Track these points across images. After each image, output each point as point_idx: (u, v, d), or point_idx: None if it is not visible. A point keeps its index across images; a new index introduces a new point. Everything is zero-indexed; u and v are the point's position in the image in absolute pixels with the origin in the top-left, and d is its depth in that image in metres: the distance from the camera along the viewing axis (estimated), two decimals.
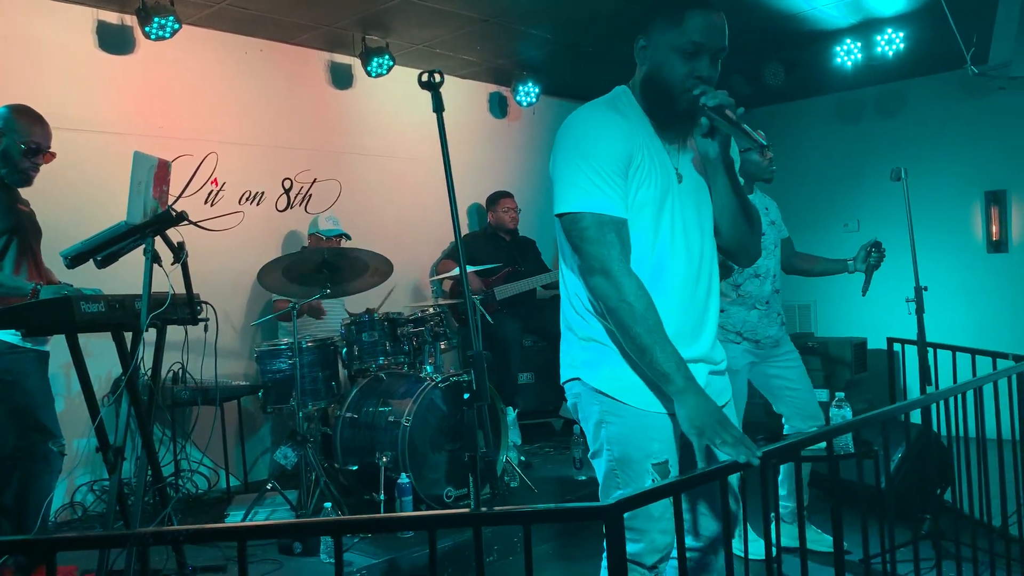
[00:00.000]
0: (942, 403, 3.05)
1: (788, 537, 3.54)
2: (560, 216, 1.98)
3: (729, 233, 2.12)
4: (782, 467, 3.57)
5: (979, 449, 3.27)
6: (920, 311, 3.79)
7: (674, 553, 2.03)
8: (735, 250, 2.18)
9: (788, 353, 3.78)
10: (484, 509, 1.65)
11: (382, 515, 3.43)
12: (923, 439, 3.73)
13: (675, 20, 1.96)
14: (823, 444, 2.24)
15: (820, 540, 3.65)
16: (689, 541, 2.08)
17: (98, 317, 2.82)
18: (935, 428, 3.69)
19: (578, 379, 2.06)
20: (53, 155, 3.39)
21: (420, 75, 2.06)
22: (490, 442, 1.93)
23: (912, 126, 6.90)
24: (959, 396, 3.08)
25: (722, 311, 3.26)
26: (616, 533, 1.57)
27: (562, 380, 2.13)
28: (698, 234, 2.06)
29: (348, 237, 5.09)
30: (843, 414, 3.12)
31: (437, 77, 2.04)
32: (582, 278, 1.99)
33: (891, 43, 5.41)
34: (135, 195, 3.05)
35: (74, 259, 3.03)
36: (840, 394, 3.21)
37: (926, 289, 3.84)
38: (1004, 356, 3.71)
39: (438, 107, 2.05)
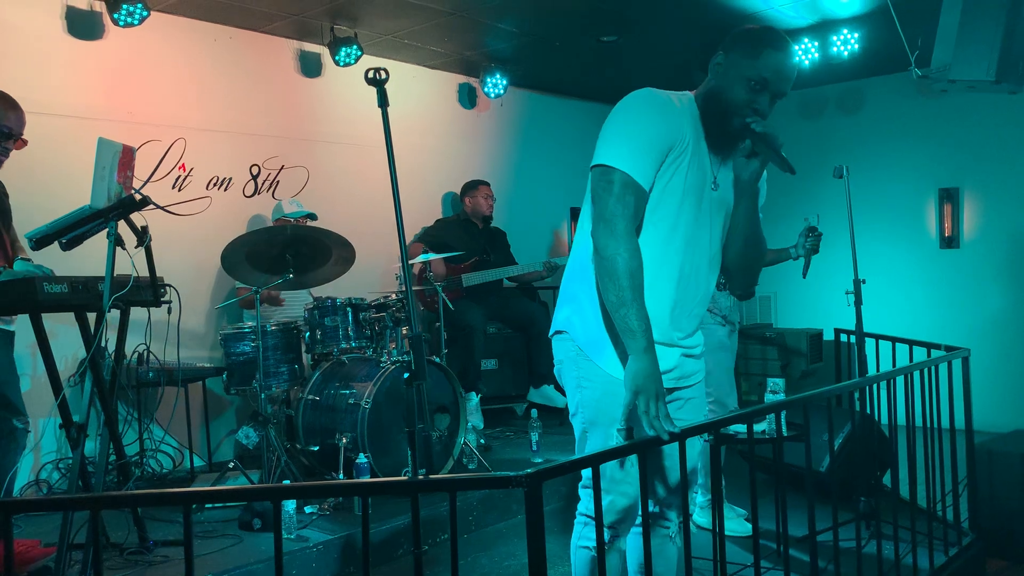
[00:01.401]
0: (874, 388, 3.23)
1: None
2: (595, 167, 2.13)
3: (737, 254, 2.31)
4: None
5: (908, 435, 3.45)
6: (858, 303, 3.96)
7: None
8: (736, 271, 2.37)
9: (736, 335, 4.14)
10: (419, 478, 1.78)
11: (321, 482, 3.60)
12: (861, 425, 3.92)
13: (753, 53, 2.11)
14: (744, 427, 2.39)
15: (740, 524, 3.87)
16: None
17: (61, 298, 2.91)
18: (875, 416, 3.89)
19: (564, 333, 2.26)
20: (24, 142, 3.45)
21: (366, 72, 2.17)
22: (428, 419, 2.06)
23: (870, 123, 7.10)
24: (890, 382, 3.26)
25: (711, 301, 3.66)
26: (534, 502, 1.71)
27: (556, 327, 2.31)
28: (708, 242, 2.24)
29: (314, 217, 5.17)
30: (776, 398, 3.28)
31: (382, 74, 2.15)
32: (592, 225, 2.13)
33: (847, 43, 5.57)
34: (99, 180, 3.14)
35: (39, 241, 3.12)
36: (779, 381, 3.38)
37: (864, 282, 4.01)
38: (937, 347, 3.90)
39: (383, 102, 2.17)
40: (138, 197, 3.14)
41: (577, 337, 2.24)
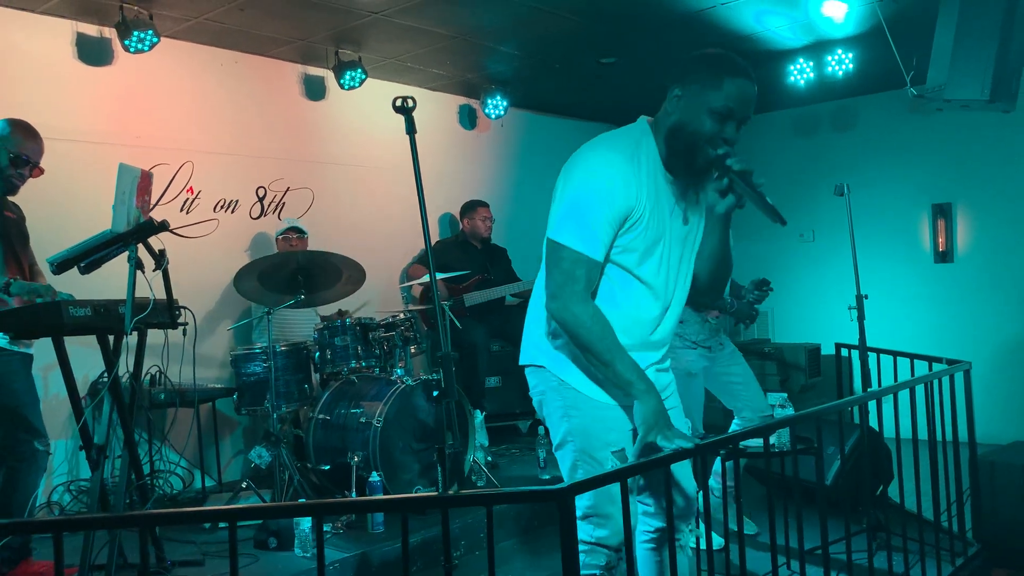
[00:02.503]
0: (874, 403, 3.29)
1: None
2: (550, 240, 2.15)
3: (707, 273, 2.35)
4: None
5: (914, 447, 3.52)
6: (861, 318, 4.03)
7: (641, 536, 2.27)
8: (706, 290, 2.41)
9: (732, 353, 4.05)
10: (450, 493, 1.84)
11: (359, 498, 3.66)
12: (865, 438, 3.99)
13: (715, 83, 2.10)
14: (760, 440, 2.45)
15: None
16: (655, 522, 2.36)
17: (85, 321, 2.96)
18: (877, 429, 3.97)
19: (544, 368, 2.28)
20: (41, 170, 3.52)
21: (394, 100, 2.24)
22: (457, 437, 2.12)
23: (864, 141, 7.22)
24: (895, 395, 3.33)
25: (681, 322, 3.64)
26: (568, 514, 1.77)
27: (524, 362, 2.35)
28: (676, 273, 2.27)
29: (303, 232, 5.22)
30: (786, 413, 3.35)
31: (410, 102, 2.22)
32: (547, 297, 2.17)
33: (841, 63, 5.69)
34: (119, 204, 3.19)
35: (60, 265, 3.17)
36: (783, 395, 3.45)
37: (867, 297, 4.09)
38: (939, 360, 3.98)
39: (410, 129, 2.23)
40: (156, 221, 3.20)
41: (556, 368, 2.26)
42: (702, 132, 2.10)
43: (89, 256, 3.15)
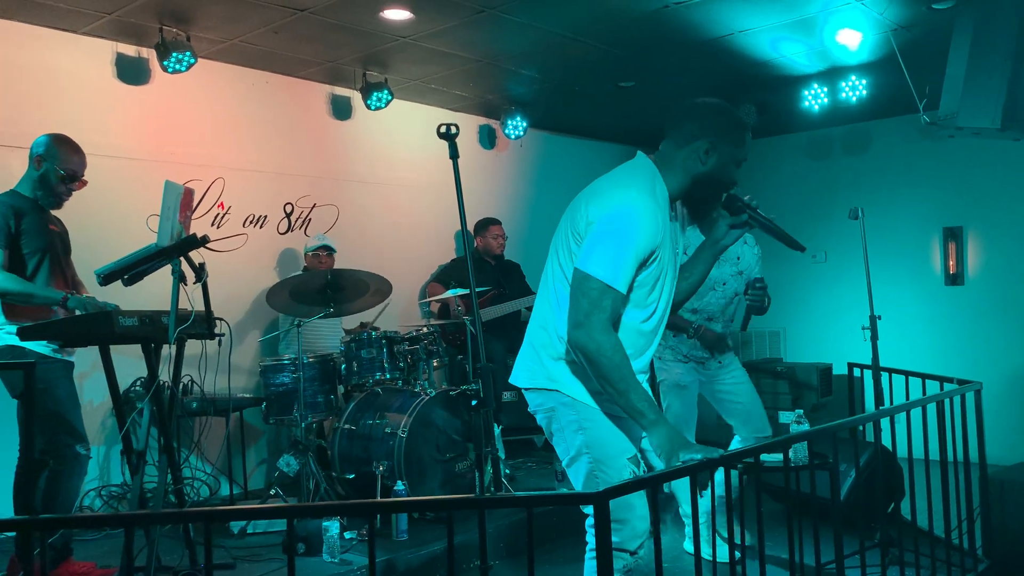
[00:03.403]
0: (886, 421, 3.40)
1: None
2: (581, 272, 2.30)
3: (683, 294, 2.62)
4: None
5: (926, 466, 3.62)
6: (874, 338, 4.14)
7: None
8: (678, 305, 2.66)
9: (734, 371, 4.18)
10: (489, 495, 1.96)
11: (411, 498, 3.88)
12: (878, 455, 4.09)
13: (739, 140, 2.41)
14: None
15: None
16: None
17: (132, 330, 3.10)
18: (889, 447, 4.07)
19: (555, 391, 2.42)
20: (85, 183, 3.68)
21: (439, 127, 2.38)
22: (493, 445, 2.24)
23: (876, 164, 7.35)
24: (908, 413, 3.44)
25: (674, 335, 4.05)
26: (603, 517, 1.89)
27: (528, 385, 2.48)
28: (669, 295, 2.50)
29: (332, 249, 5.37)
30: (802, 429, 3.45)
31: (453, 129, 2.36)
32: (569, 324, 2.31)
33: (855, 89, 5.83)
34: (164, 220, 3.34)
35: (106, 277, 3.31)
36: (799, 411, 3.55)
37: (880, 318, 4.20)
38: (950, 380, 4.08)
39: (454, 154, 2.37)
40: (199, 236, 3.34)
41: (567, 388, 2.40)
42: (729, 179, 2.42)
43: (134, 269, 3.30)
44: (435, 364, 4.82)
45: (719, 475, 3.83)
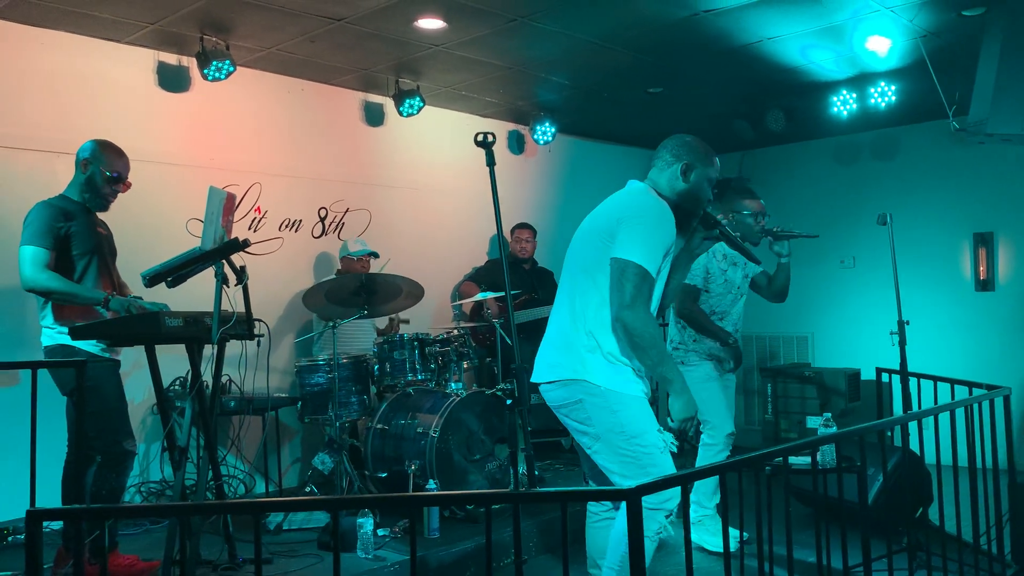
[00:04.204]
0: (915, 425, 3.43)
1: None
2: (622, 260, 2.69)
3: (669, 297, 3.00)
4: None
5: (954, 471, 3.64)
6: (902, 343, 4.16)
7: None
8: (658, 311, 2.98)
9: (731, 373, 4.52)
10: (523, 490, 2.04)
11: (451, 492, 4.14)
12: (906, 459, 4.11)
13: (709, 162, 2.92)
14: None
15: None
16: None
17: (177, 331, 3.22)
18: (917, 452, 4.08)
19: (583, 380, 2.76)
20: (129, 185, 3.80)
21: (476, 135, 2.46)
22: (529, 441, 2.32)
23: (905, 170, 7.33)
24: (936, 417, 3.46)
25: (695, 340, 4.38)
26: (635, 512, 1.95)
27: (551, 379, 2.82)
28: (656, 300, 2.87)
29: (376, 255, 5.49)
30: (830, 431, 3.49)
31: (491, 137, 2.44)
32: (616, 307, 2.70)
33: (883, 95, 5.84)
34: (208, 224, 3.46)
35: (152, 279, 3.42)
36: (827, 414, 3.60)
37: (908, 323, 4.22)
38: (979, 386, 4.09)
39: (490, 161, 2.46)
40: (241, 239, 3.45)
41: (595, 378, 2.75)
42: (706, 196, 2.91)
43: (179, 271, 3.41)
44: (465, 366, 4.91)
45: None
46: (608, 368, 2.75)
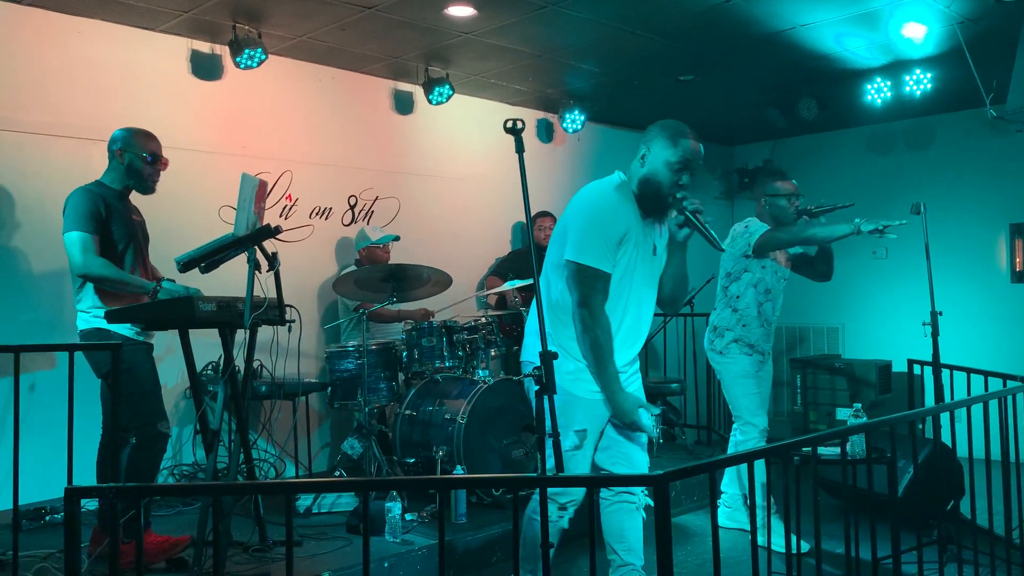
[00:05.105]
0: (947, 417, 3.38)
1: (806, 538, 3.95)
2: (568, 261, 2.76)
3: (669, 292, 2.99)
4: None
5: (986, 463, 3.59)
6: (935, 334, 4.11)
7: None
8: (668, 304, 3.06)
9: (769, 366, 4.47)
10: (551, 475, 2.05)
11: (478, 475, 4.18)
12: (938, 451, 4.06)
13: (668, 145, 2.79)
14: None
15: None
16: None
17: (210, 315, 3.26)
18: (949, 445, 4.04)
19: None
20: (167, 162, 3.83)
21: (505, 122, 2.46)
22: (555, 428, 2.33)
23: (940, 159, 7.22)
24: (966, 410, 3.42)
25: (743, 326, 4.28)
26: (663, 500, 1.95)
27: (530, 357, 2.90)
28: (648, 289, 2.91)
29: (397, 238, 5.51)
30: (860, 422, 3.46)
31: (520, 124, 2.44)
32: (572, 307, 2.77)
33: (919, 83, 5.75)
34: (241, 211, 3.50)
35: (186, 264, 3.48)
36: (857, 405, 3.56)
37: (941, 314, 4.17)
38: (1014, 378, 4.03)
39: (519, 148, 2.46)
40: (272, 226, 3.49)
41: (570, 388, 2.82)
42: (665, 182, 2.77)
43: (212, 257, 3.46)
44: (493, 353, 4.93)
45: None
46: (581, 374, 2.83)
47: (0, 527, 4.15)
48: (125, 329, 3.56)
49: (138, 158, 3.69)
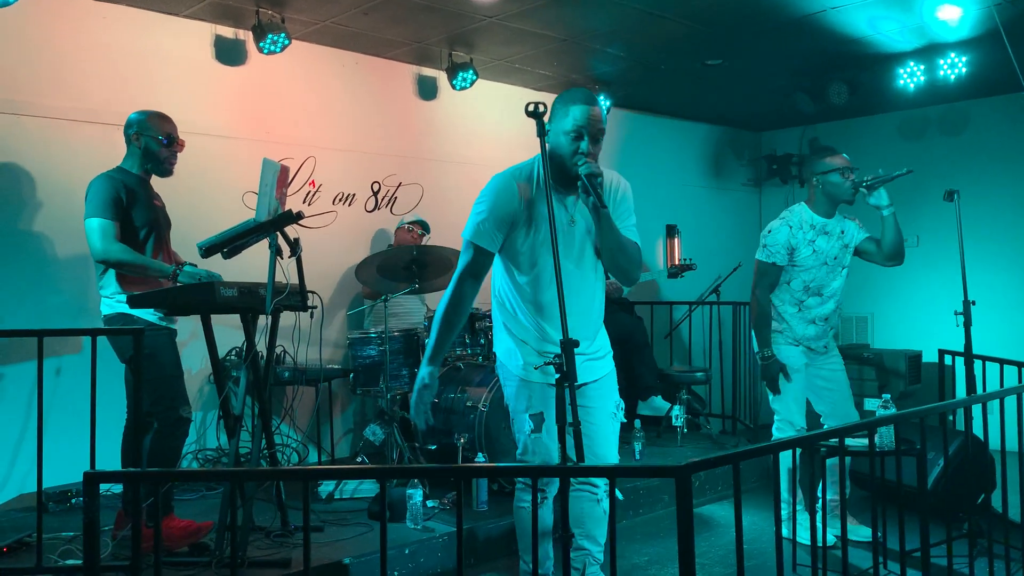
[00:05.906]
0: (979, 409, 3.30)
1: (831, 530, 3.86)
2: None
3: (609, 261, 2.89)
4: (827, 461, 3.89)
5: (1020, 457, 3.51)
6: (968, 324, 4.02)
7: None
8: (614, 273, 2.95)
9: (834, 359, 4.14)
10: (571, 464, 2.02)
11: (498, 464, 4.16)
12: (968, 444, 3.98)
13: (563, 113, 2.73)
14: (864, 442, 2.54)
15: (857, 531, 3.95)
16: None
17: (231, 300, 3.26)
18: (981, 437, 3.95)
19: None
20: (183, 143, 3.82)
21: (527, 106, 2.42)
22: (577, 416, 2.30)
23: (974, 145, 7.05)
24: (999, 401, 3.33)
25: (785, 323, 4.04)
26: (685, 491, 1.92)
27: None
28: (573, 263, 2.83)
29: (427, 227, 5.50)
30: (889, 413, 3.39)
31: (542, 107, 2.40)
32: None
33: (954, 67, 5.61)
34: (262, 196, 3.49)
35: (208, 250, 3.48)
36: (886, 396, 3.49)
37: (974, 303, 4.07)
38: None
39: (542, 132, 2.41)
40: (294, 212, 3.48)
41: (495, 347, 3.00)
42: (565, 151, 2.72)
43: (234, 242, 3.45)
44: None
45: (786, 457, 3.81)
46: (499, 339, 2.99)
47: (25, 509, 4.21)
48: (148, 314, 3.57)
49: (154, 141, 3.68)
